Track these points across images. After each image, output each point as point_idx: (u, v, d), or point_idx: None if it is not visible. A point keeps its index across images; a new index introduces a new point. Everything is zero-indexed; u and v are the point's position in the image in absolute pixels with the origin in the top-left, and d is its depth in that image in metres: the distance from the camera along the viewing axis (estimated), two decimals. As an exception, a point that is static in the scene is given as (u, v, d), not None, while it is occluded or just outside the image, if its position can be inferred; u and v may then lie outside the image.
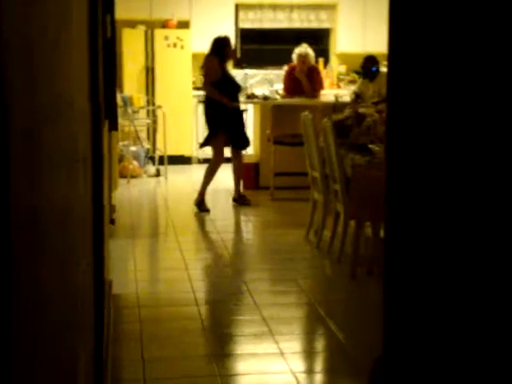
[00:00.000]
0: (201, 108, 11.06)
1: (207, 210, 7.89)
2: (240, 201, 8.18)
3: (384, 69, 8.40)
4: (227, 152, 8.34)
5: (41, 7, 1.16)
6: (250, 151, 10.25)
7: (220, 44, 7.96)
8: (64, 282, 1.44)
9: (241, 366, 3.96)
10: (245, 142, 8.16)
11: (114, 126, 4.88)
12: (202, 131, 11.05)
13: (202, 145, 8.39)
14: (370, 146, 5.63)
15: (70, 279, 1.59)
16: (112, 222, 6.77)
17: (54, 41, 1.39)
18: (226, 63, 8.06)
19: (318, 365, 4.14)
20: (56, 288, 1.29)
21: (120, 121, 8.20)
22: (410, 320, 2.36)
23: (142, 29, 10.80)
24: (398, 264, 2.34)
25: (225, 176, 10.05)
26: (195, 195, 8.14)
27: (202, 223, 7.66)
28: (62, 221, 1.44)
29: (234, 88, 8.02)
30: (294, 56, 9.03)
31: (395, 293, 2.40)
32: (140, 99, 10.16)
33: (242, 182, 8.91)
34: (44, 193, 1.11)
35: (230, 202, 8.31)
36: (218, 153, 8.06)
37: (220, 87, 7.84)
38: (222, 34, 8.32)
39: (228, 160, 10.97)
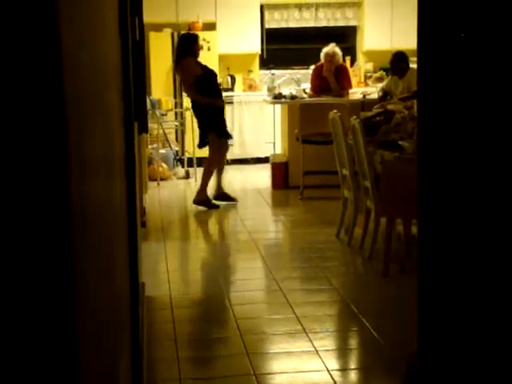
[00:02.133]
0: (229, 109, 11.11)
1: (217, 206, 7.95)
2: (222, 198, 8.20)
3: (413, 65, 8.36)
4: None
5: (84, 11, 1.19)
6: (278, 151, 10.27)
7: (189, 42, 7.99)
8: (106, 283, 1.46)
9: (276, 365, 3.98)
10: (228, 134, 8.26)
11: (143, 128, 4.91)
12: (231, 132, 11.11)
13: (200, 146, 8.45)
14: (400, 142, 5.62)
15: (111, 280, 1.62)
16: (143, 224, 6.82)
17: (92, 47, 1.41)
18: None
19: (353, 362, 4.14)
20: (100, 288, 1.31)
21: (148, 124, 8.25)
22: (444, 317, 2.35)
23: (168, 32, 10.85)
24: (432, 261, 2.34)
25: (255, 176, 10.07)
26: (226, 196, 8.18)
27: (232, 223, 7.69)
28: (102, 221, 1.46)
29: (215, 80, 8.06)
30: (322, 55, 9.03)
31: (429, 290, 2.40)
32: (168, 102, 10.21)
33: (271, 182, 8.92)
34: (88, 192, 1.13)
35: (261, 201, 8.32)
36: (215, 151, 8.13)
37: (204, 83, 7.88)
38: (185, 31, 8.50)
39: (257, 160, 11.00)
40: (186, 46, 7.97)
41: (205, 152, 10.63)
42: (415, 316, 2.81)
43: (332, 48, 9.01)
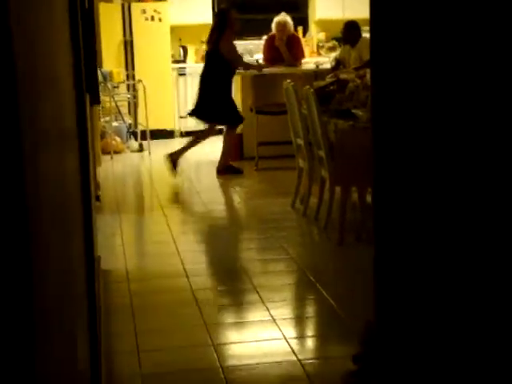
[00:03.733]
0: (181, 81, 11.02)
1: (241, 171, 8.14)
2: (226, 170, 8.23)
3: (365, 34, 8.38)
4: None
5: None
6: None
7: (226, 16, 8.07)
8: (61, 256, 1.45)
9: (234, 335, 3.99)
10: (240, 119, 8.37)
11: (95, 99, 4.85)
12: (184, 104, 11.03)
13: (201, 116, 8.47)
14: (354, 110, 5.64)
15: (66, 253, 1.60)
16: (97, 198, 6.76)
17: (37, 15, 1.38)
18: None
19: (310, 330, 4.17)
20: (54, 261, 1.29)
21: (100, 96, 8.14)
22: (400, 284, 2.38)
23: (118, 2, 10.70)
24: (387, 229, 2.35)
25: (209, 148, 10.04)
26: (179, 168, 8.15)
27: (187, 196, 7.67)
28: (54, 195, 1.44)
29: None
30: (273, 25, 8.99)
31: (385, 258, 2.42)
32: (120, 74, 10.10)
33: (216, 153, 8.97)
34: (40, 167, 1.11)
35: (215, 174, 8.31)
36: (212, 128, 8.33)
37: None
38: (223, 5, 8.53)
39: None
40: (224, 20, 8.02)
41: (158, 124, 10.57)
42: (371, 283, 2.84)
43: (283, 17, 8.98)
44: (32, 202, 1.00)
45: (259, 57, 9.76)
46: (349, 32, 8.34)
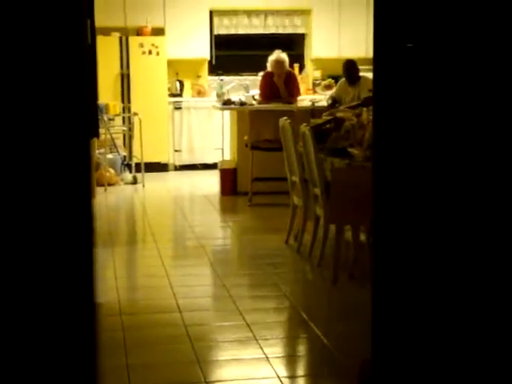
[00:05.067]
0: (177, 114, 11.06)
1: None
2: None
3: (363, 73, 8.46)
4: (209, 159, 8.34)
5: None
6: (227, 157, 10.26)
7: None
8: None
9: (226, 372, 3.96)
10: None
11: (94, 132, 4.86)
12: (179, 137, 11.07)
13: None
14: (350, 149, 5.66)
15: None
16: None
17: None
18: None
19: (304, 369, 4.14)
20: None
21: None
22: (397, 323, 2.37)
23: (116, 36, 10.77)
24: (385, 268, 2.35)
25: (203, 182, 10.05)
26: (172, 202, 8.12)
27: (180, 230, 7.65)
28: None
29: None
30: (271, 62, 9.05)
31: (383, 297, 2.41)
32: (116, 106, 10.12)
33: (219, 188, 8.90)
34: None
35: (209, 207, 8.30)
36: None
37: None
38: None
39: (205, 166, 10.99)
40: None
41: (153, 157, 10.59)
42: (365, 323, 2.83)
43: (281, 55, 9.05)
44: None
45: (255, 92, 9.82)
46: (349, 69, 8.41)
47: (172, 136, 11.07)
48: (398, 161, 2.37)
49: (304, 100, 9.62)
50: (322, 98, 9.68)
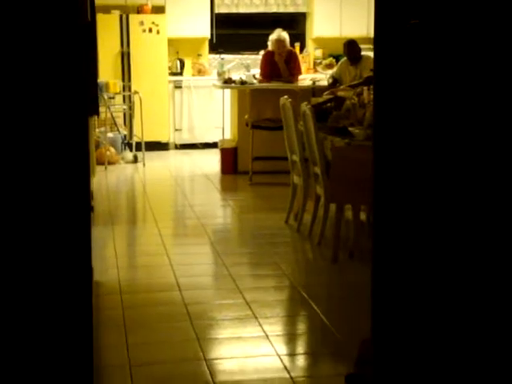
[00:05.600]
0: (178, 93, 11.02)
1: None
2: None
3: (364, 52, 8.43)
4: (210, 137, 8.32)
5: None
6: (227, 136, 10.23)
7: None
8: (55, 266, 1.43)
9: (225, 350, 3.97)
10: None
11: (94, 110, 4.84)
12: (179, 117, 11.03)
13: None
14: (350, 128, 5.64)
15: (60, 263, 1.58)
16: (91, 209, 6.73)
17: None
18: None
19: (303, 347, 4.15)
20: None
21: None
22: (398, 303, 2.36)
23: (116, 14, 10.71)
24: (386, 247, 2.34)
25: (203, 161, 10.04)
26: (173, 181, 8.11)
27: (180, 209, 7.65)
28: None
29: None
30: (272, 41, 9.00)
31: (383, 275, 2.41)
32: (116, 85, 10.08)
33: (220, 167, 8.87)
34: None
35: (209, 186, 8.29)
36: None
37: None
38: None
39: (206, 145, 10.97)
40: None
41: (153, 136, 10.56)
42: (364, 302, 2.83)
43: (282, 34, 9.00)
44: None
45: (256, 71, 9.77)
46: (351, 49, 8.38)
47: (172, 115, 11.04)
48: (398, 140, 2.36)
49: (305, 79, 9.58)
50: (323, 77, 9.64)
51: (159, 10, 10.92)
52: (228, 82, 9.26)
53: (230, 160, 9.03)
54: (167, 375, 3.60)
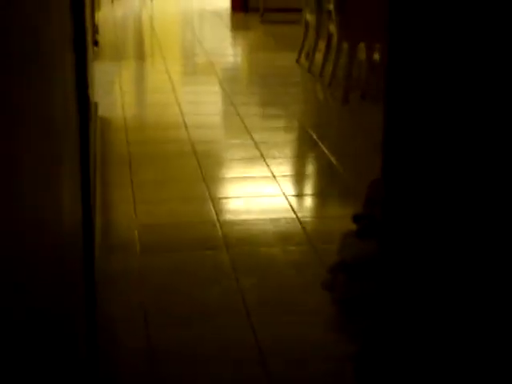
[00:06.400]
0: None
1: None
2: None
3: None
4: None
5: None
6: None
7: None
8: (47, 98, 1.32)
9: (232, 189, 3.91)
10: None
11: None
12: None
13: None
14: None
15: (51, 91, 1.46)
16: (96, 43, 6.54)
17: None
18: None
19: (311, 188, 4.09)
20: (39, 100, 1.17)
21: None
22: (409, 144, 2.26)
23: None
24: (399, 88, 2.21)
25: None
26: (182, 17, 7.85)
27: (189, 46, 7.43)
28: (41, 33, 1.29)
29: None
30: None
31: (395, 117, 2.29)
32: None
33: (230, 3, 8.55)
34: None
35: (219, 23, 8.04)
36: None
37: None
38: None
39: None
40: None
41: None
42: (374, 143, 2.72)
43: None
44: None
45: None
46: None
47: None
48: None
49: None
50: None
51: None
52: None
53: (241, -4, 8.72)
54: (172, 213, 3.55)
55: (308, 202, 3.86)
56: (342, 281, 2.66)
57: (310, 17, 6.19)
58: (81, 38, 2.19)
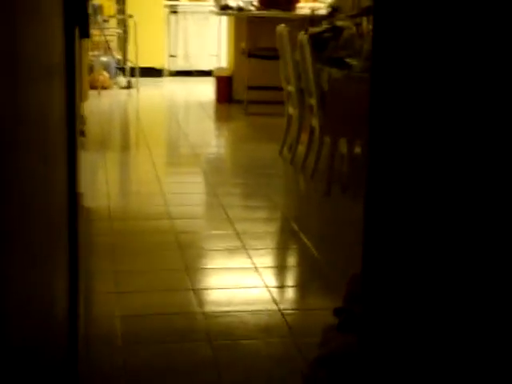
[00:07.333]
0: (173, 19, 10.81)
1: None
2: None
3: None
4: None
5: None
6: (222, 64, 10.07)
7: None
8: (41, 190, 1.37)
9: (214, 280, 3.95)
10: None
11: (85, 32, 4.69)
12: (174, 43, 10.84)
13: None
14: (348, 59, 5.52)
15: (47, 187, 1.53)
16: (82, 133, 6.64)
17: None
18: None
19: (292, 280, 4.14)
20: (34, 195, 1.22)
21: (90, 30, 7.96)
22: (390, 238, 2.32)
23: None
24: (380, 181, 2.29)
25: (198, 89, 9.90)
26: (167, 108, 8.01)
27: (174, 137, 7.57)
28: (38, 130, 1.36)
29: None
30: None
31: (376, 210, 2.36)
32: (110, 7, 9.88)
33: (215, 96, 8.74)
34: (22, 103, 1.03)
35: (203, 115, 8.20)
36: None
37: None
38: None
39: (201, 73, 10.81)
40: None
41: (147, 62, 10.39)
42: (355, 236, 2.79)
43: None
44: (11, 137, 0.92)
45: (254, -1, 9.56)
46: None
47: (167, 41, 10.86)
48: (397, 72, 2.27)
49: (303, 7, 9.37)
50: (322, 6, 9.44)
51: None
52: (225, 8, 9.07)
53: (225, 88, 8.92)
54: (154, 304, 3.57)
55: (290, 293, 3.90)
56: (323, 376, 2.68)
57: (292, 110, 6.35)
58: (73, 138, 2.27)
